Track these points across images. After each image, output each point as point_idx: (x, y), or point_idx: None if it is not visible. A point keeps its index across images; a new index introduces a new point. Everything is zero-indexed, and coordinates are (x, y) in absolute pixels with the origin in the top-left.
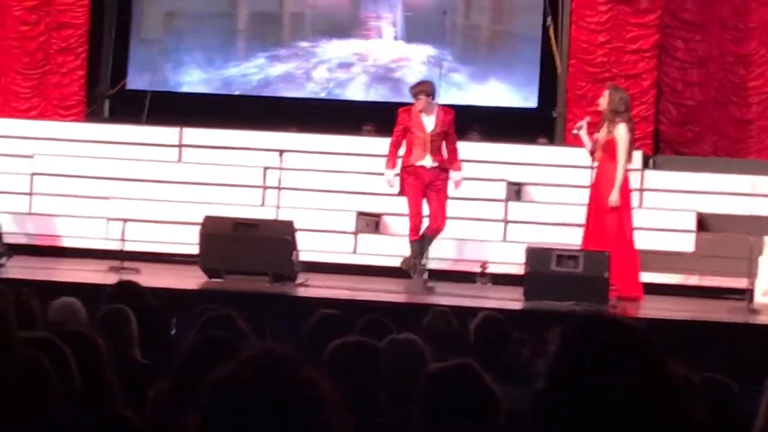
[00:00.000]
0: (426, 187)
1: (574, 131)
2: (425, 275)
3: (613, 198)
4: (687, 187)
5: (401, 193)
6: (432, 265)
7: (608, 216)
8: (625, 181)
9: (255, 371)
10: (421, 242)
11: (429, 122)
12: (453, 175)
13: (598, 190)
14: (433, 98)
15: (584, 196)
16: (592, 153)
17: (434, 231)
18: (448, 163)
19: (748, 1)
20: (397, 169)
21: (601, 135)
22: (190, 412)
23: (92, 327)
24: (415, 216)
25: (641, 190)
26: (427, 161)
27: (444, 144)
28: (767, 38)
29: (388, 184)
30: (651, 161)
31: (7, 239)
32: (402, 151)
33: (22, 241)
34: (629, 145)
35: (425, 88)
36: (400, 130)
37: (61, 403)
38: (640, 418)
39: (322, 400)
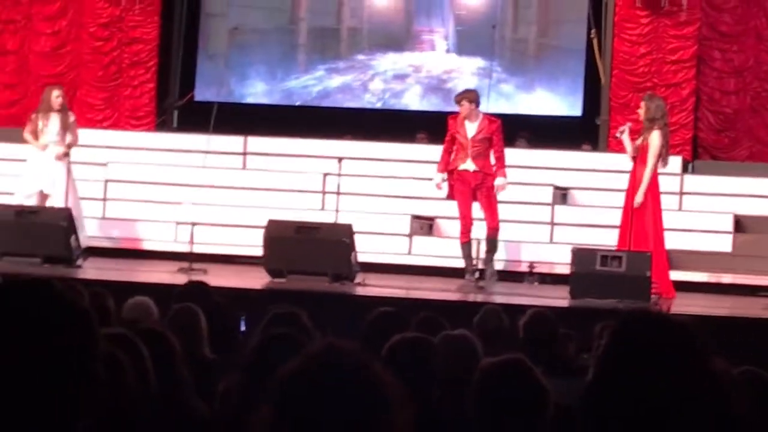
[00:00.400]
0: (474, 191)
1: (617, 135)
2: (495, 276)
3: (638, 199)
4: (724, 190)
5: (450, 196)
6: (483, 264)
7: (642, 217)
8: (655, 184)
9: (321, 366)
10: (470, 245)
11: (471, 128)
12: (496, 180)
13: (633, 192)
14: (476, 105)
15: None
16: (633, 158)
17: (490, 230)
18: (490, 169)
19: None
20: (446, 174)
21: (639, 141)
22: (259, 405)
23: (164, 324)
24: (464, 218)
25: (681, 193)
26: (470, 165)
27: (489, 151)
28: None
29: (435, 187)
30: (690, 166)
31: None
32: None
33: (97, 243)
34: (660, 149)
35: (468, 96)
36: (449, 136)
37: (137, 397)
38: (685, 410)
39: (385, 393)
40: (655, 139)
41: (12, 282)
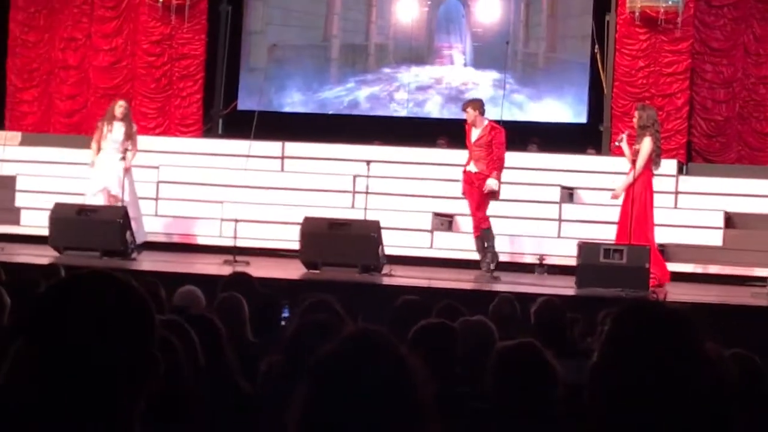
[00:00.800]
0: (477, 190)
1: (616, 143)
2: (490, 266)
3: (617, 190)
4: (716, 190)
5: (462, 193)
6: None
7: (638, 214)
8: (650, 183)
9: (355, 348)
10: (481, 239)
11: (475, 134)
12: (487, 181)
13: (629, 192)
14: (481, 113)
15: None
16: (632, 161)
17: (475, 228)
18: (487, 171)
19: None
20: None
21: (635, 147)
22: (297, 383)
23: (211, 311)
24: (472, 215)
25: (676, 192)
26: (472, 167)
27: (490, 155)
28: None
29: None
30: (684, 168)
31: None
32: None
33: (150, 238)
34: (651, 154)
35: (472, 104)
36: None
37: (188, 376)
38: (681, 389)
39: (410, 372)
40: (646, 144)
41: (78, 274)
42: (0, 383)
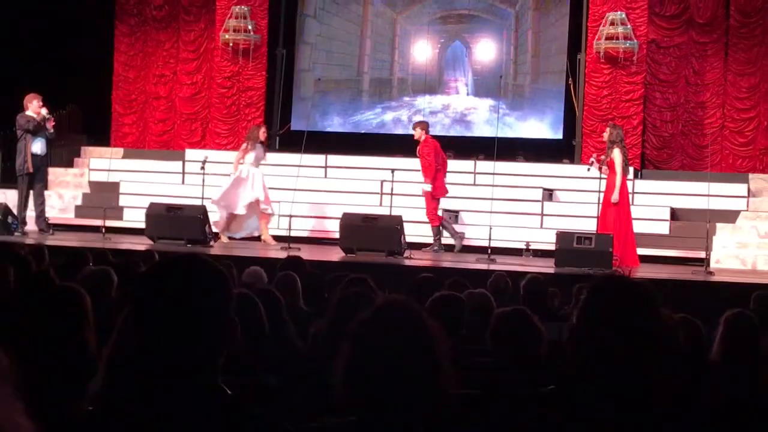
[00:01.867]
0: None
1: (587, 168)
2: (434, 248)
3: (614, 198)
4: (664, 190)
5: None
6: (494, 244)
7: (612, 211)
8: (624, 186)
9: (387, 313)
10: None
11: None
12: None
13: (605, 194)
14: (423, 131)
15: (594, 197)
16: (606, 172)
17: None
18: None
19: (704, 66)
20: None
21: (605, 158)
22: (340, 343)
23: (272, 286)
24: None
25: (633, 193)
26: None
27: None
28: (717, 90)
29: None
30: (639, 174)
31: (214, 228)
32: None
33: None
34: (622, 163)
35: (418, 124)
36: None
37: (255, 337)
38: (642, 344)
39: (430, 332)
40: (617, 156)
41: (171, 257)
42: (108, 353)
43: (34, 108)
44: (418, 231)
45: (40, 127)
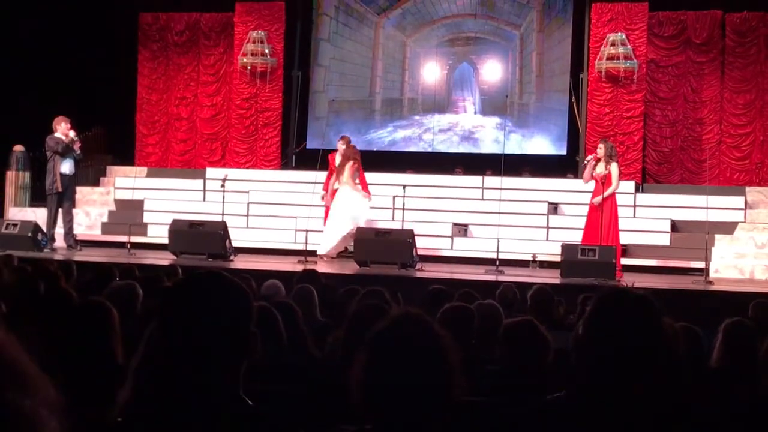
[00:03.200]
0: None
1: (584, 162)
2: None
3: (596, 200)
4: (664, 203)
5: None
6: (501, 256)
7: (601, 218)
8: (614, 198)
9: (401, 325)
10: None
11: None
12: None
13: (594, 205)
14: (344, 144)
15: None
16: (585, 178)
17: None
18: None
19: (702, 84)
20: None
21: (599, 171)
22: (356, 352)
23: (289, 298)
24: None
25: (635, 206)
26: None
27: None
28: (714, 107)
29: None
30: (640, 188)
31: (235, 244)
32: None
33: (242, 245)
34: (619, 175)
35: (343, 138)
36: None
37: (273, 348)
38: (645, 352)
39: (442, 342)
40: (614, 169)
41: (195, 272)
42: (135, 365)
43: (63, 130)
44: (429, 243)
45: (68, 149)
